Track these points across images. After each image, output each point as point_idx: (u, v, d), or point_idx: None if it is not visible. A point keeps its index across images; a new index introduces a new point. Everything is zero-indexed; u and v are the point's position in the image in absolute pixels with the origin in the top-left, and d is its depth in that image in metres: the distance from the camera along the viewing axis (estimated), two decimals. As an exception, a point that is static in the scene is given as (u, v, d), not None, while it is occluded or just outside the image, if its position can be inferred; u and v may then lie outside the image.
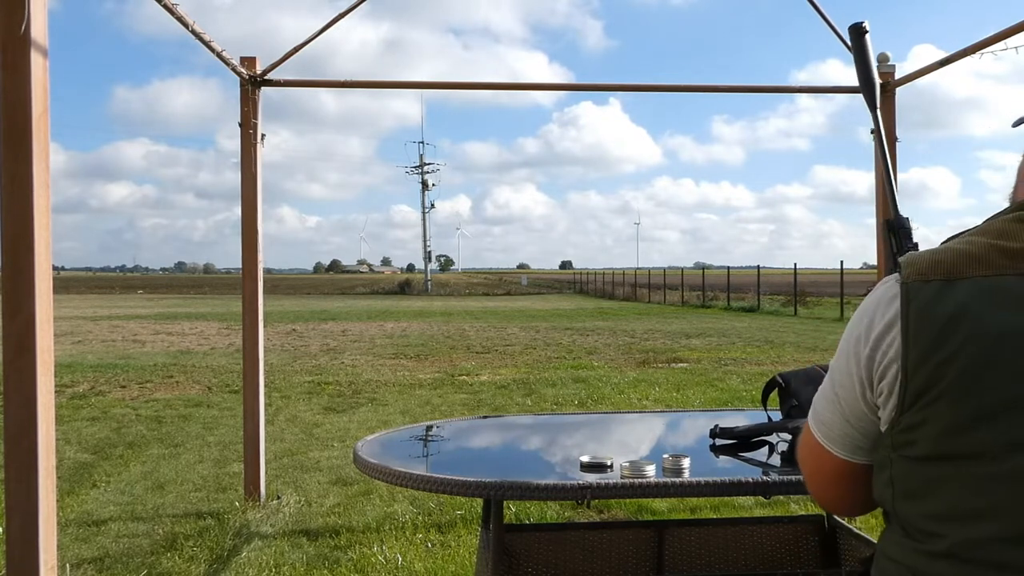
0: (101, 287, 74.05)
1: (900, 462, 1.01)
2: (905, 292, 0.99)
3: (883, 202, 5.03)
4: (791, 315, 26.09)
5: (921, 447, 0.97)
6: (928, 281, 0.98)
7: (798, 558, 2.98)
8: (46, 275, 2.37)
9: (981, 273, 0.96)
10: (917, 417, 0.97)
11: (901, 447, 1.00)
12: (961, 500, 0.95)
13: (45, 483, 2.34)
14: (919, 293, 0.97)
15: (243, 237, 4.91)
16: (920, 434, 0.97)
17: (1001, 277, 0.95)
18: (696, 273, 43.67)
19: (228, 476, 5.64)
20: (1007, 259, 0.96)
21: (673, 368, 11.83)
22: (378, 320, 24.70)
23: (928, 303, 0.96)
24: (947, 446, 0.95)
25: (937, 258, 0.99)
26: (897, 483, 1.01)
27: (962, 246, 1.00)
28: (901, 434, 0.99)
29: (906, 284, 0.99)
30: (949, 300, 0.95)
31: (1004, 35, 3.93)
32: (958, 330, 0.94)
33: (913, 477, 0.99)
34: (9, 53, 2.29)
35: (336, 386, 10.15)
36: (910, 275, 0.99)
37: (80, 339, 17.51)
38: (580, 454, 2.31)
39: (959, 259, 0.98)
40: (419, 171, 79.08)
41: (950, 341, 0.94)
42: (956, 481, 0.95)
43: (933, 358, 0.95)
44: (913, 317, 0.97)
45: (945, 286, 0.96)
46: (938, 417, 0.95)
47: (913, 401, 0.97)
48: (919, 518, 0.99)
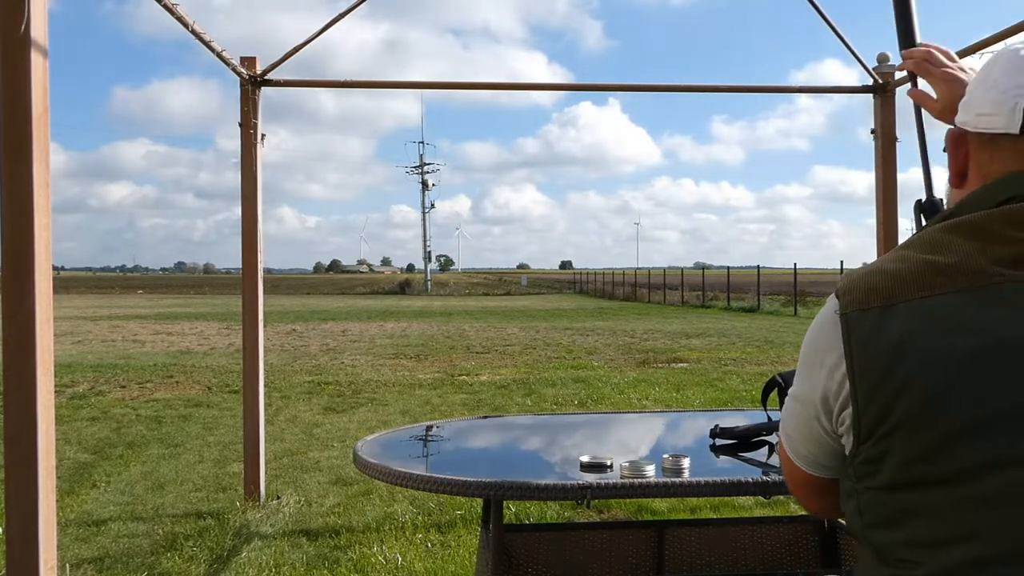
0: (101, 287, 74.07)
1: (865, 492, 0.99)
2: (845, 324, 0.96)
3: (883, 202, 5.03)
4: (791, 315, 26.08)
5: (885, 476, 0.95)
6: (866, 310, 0.95)
7: (798, 558, 2.98)
8: (46, 275, 2.37)
9: (918, 295, 0.93)
10: (876, 450, 0.95)
11: (863, 477, 0.98)
12: (933, 527, 0.92)
13: (45, 483, 2.34)
14: (859, 324, 0.95)
15: (243, 237, 4.91)
16: (882, 465, 0.95)
17: (941, 297, 0.93)
18: (696, 273, 43.68)
19: (228, 476, 5.64)
20: (942, 276, 0.93)
21: (673, 368, 11.82)
22: (378, 320, 24.70)
23: (869, 333, 0.94)
24: (912, 474, 0.93)
25: (872, 283, 0.97)
26: (865, 513, 0.99)
27: (896, 266, 0.97)
28: (862, 465, 0.98)
29: (845, 315, 0.97)
30: (890, 328, 0.93)
31: (1004, 35, 3.93)
32: (904, 360, 0.92)
33: (880, 507, 0.97)
34: (9, 53, 2.29)
35: (336, 386, 10.15)
36: (847, 305, 0.97)
37: (80, 339, 17.51)
38: (580, 454, 2.31)
39: (894, 282, 0.95)
40: (419, 171, 79.22)
41: (897, 372, 0.92)
42: (925, 509, 0.93)
43: (882, 391, 0.93)
44: (856, 350, 0.95)
45: (884, 313, 0.94)
46: (898, 448, 0.93)
47: (868, 434, 0.95)
48: (891, 546, 0.97)
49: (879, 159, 5.03)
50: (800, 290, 29.11)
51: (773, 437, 2.54)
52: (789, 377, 2.48)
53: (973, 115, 1.04)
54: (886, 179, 5.01)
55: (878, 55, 4.91)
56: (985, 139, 1.03)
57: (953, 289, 0.93)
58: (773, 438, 2.54)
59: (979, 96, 1.04)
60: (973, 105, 1.04)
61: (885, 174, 5.01)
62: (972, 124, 1.04)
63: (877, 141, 5.01)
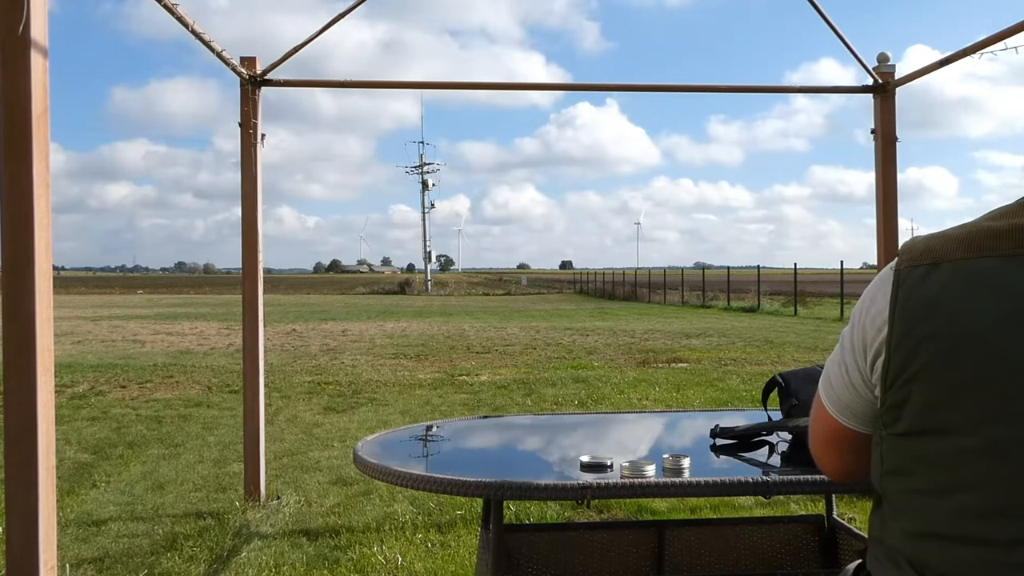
0: (101, 287, 74.04)
1: (888, 439, 1.05)
2: (896, 277, 1.04)
3: (883, 202, 5.03)
4: (791, 315, 26.08)
5: (903, 424, 1.02)
6: (917, 266, 1.02)
7: (798, 558, 2.98)
8: (46, 275, 2.37)
9: (963, 256, 0.99)
10: (899, 395, 1.02)
11: (888, 424, 1.05)
12: (937, 475, 0.99)
13: (45, 483, 2.34)
14: (908, 278, 1.02)
15: (243, 237, 4.91)
16: (902, 412, 1.02)
17: (982, 260, 0.98)
18: (696, 273, 43.65)
19: (228, 476, 5.64)
20: (991, 239, 0.99)
21: (673, 368, 11.82)
22: (378, 320, 24.70)
23: (914, 287, 1.01)
24: (924, 422, 1.00)
25: (930, 244, 1.03)
26: (885, 460, 1.06)
27: (957, 230, 1.03)
28: (888, 412, 1.04)
29: (898, 270, 1.04)
30: (931, 284, 1.00)
31: (1003, 35, 3.93)
32: (935, 312, 0.98)
33: (897, 454, 1.04)
34: (9, 53, 2.29)
35: (336, 386, 10.15)
36: (903, 261, 1.04)
37: (80, 339, 17.51)
38: (580, 454, 2.31)
39: (948, 244, 1.01)
40: (419, 171, 79.17)
41: (927, 323, 0.99)
42: (932, 456, 0.99)
43: (911, 338, 1.00)
44: (900, 301, 1.02)
45: (930, 270, 1.01)
46: (917, 395, 1.00)
47: (894, 379, 1.02)
48: (901, 494, 1.04)
49: (879, 159, 5.03)
50: (800, 290, 29.10)
51: (773, 437, 2.54)
52: (789, 377, 2.48)
53: None
54: (886, 179, 5.01)
55: (878, 55, 4.91)
56: None
57: (997, 253, 0.98)
58: (773, 438, 2.54)
59: None
60: None
61: (885, 174, 5.01)
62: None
63: (877, 141, 5.01)
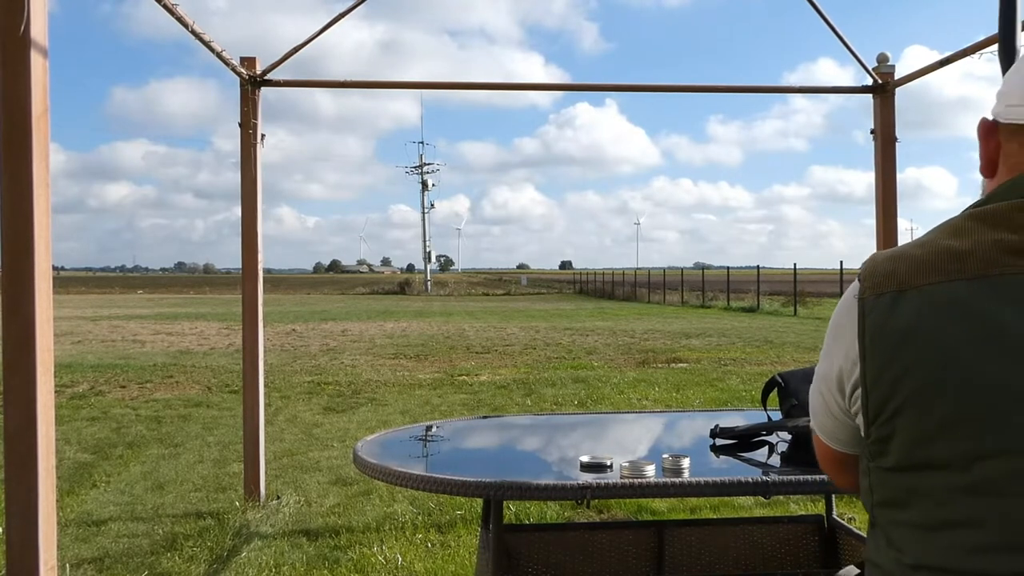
0: (101, 287, 74.05)
1: (876, 471, 1.02)
2: (861, 307, 0.99)
3: (883, 202, 5.03)
4: (791, 315, 26.08)
5: (892, 458, 0.98)
6: (881, 295, 0.98)
7: (798, 558, 2.98)
8: (46, 275, 2.38)
9: (929, 281, 0.95)
10: (884, 431, 0.98)
11: (875, 456, 1.01)
12: (931, 511, 0.95)
13: (45, 483, 2.34)
14: (874, 308, 0.98)
15: (243, 237, 4.91)
16: (890, 446, 0.98)
17: (950, 284, 0.94)
18: (696, 273, 43.67)
19: (228, 476, 5.64)
20: (956, 262, 0.95)
21: (673, 368, 11.82)
22: (378, 320, 24.70)
23: (883, 317, 0.97)
24: (915, 457, 0.96)
25: (890, 268, 0.99)
26: (875, 491, 1.03)
27: (916, 251, 0.99)
28: (874, 445, 1.00)
29: (862, 299, 1.00)
30: (900, 313, 0.95)
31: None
32: (909, 345, 0.94)
33: (887, 487, 1.01)
34: (9, 53, 2.29)
35: (336, 386, 10.15)
36: (866, 289, 1.00)
37: (80, 339, 17.50)
38: (580, 454, 2.31)
39: (910, 268, 0.97)
40: (419, 171, 79.14)
41: (901, 356, 0.95)
42: (925, 492, 0.96)
43: (889, 372, 0.96)
44: (869, 333, 0.98)
45: (897, 298, 0.96)
46: (902, 430, 0.96)
47: (876, 415, 0.98)
48: (895, 527, 1.00)
49: (878, 159, 5.03)
50: (800, 290, 29.10)
51: (773, 437, 2.54)
52: (789, 377, 2.49)
53: (1004, 106, 1.04)
54: (885, 179, 5.01)
55: (878, 55, 4.91)
56: (1012, 129, 1.02)
57: (964, 276, 0.94)
58: (773, 438, 2.54)
59: (1011, 86, 1.04)
60: (1005, 95, 1.04)
61: (884, 174, 5.01)
62: (1003, 115, 1.04)
63: (876, 141, 5.01)
